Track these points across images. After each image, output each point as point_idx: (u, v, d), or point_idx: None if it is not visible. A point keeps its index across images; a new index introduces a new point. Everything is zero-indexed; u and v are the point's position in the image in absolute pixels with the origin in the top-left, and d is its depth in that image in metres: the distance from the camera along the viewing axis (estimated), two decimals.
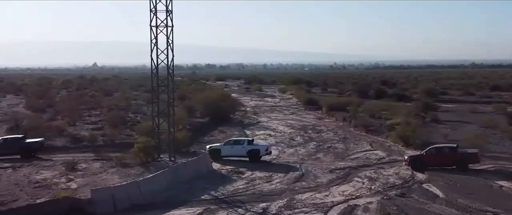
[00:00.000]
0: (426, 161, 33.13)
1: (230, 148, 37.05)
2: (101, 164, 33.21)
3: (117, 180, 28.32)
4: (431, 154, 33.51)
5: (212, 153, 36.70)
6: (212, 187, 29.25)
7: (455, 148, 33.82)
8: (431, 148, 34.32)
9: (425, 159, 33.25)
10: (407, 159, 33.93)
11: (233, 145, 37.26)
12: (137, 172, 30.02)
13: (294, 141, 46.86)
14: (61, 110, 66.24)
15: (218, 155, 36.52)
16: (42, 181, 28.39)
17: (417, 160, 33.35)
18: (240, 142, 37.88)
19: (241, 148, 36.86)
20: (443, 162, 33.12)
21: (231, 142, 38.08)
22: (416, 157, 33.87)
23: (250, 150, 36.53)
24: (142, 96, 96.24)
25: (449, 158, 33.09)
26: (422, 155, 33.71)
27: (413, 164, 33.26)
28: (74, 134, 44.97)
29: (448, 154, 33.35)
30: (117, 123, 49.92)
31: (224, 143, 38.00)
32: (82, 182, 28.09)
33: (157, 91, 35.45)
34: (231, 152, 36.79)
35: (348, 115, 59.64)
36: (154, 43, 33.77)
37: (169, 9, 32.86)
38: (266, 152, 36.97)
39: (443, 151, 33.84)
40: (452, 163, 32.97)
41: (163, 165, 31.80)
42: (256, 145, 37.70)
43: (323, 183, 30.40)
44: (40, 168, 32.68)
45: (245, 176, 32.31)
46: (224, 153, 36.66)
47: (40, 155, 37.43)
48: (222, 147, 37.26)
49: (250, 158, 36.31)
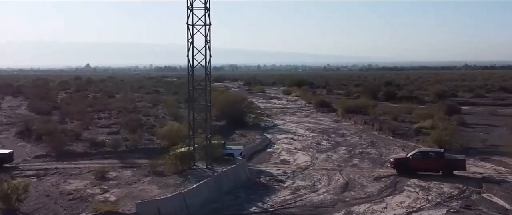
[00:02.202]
0: (412, 165, 32.62)
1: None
2: (132, 172, 31.04)
3: (156, 191, 26.19)
4: (417, 158, 32.93)
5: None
6: (258, 198, 27.24)
7: (442, 153, 33.24)
8: (418, 152, 33.84)
9: (411, 162, 32.72)
10: (392, 161, 33.37)
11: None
12: (176, 182, 27.88)
13: (321, 146, 44.91)
14: (69, 113, 63.90)
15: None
16: (75, 192, 26.19)
17: (402, 163, 32.85)
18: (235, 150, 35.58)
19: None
20: (429, 167, 32.59)
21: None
22: (402, 160, 33.26)
23: (225, 154, 34.28)
24: (146, 98, 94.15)
25: (436, 163, 32.53)
26: (408, 158, 33.11)
27: (398, 167, 32.78)
28: (92, 138, 42.66)
29: (435, 159, 32.76)
30: (134, 127, 47.59)
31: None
32: (119, 193, 25.92)
33: (192, 94, 33.26)
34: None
35: (369, 118, 57.79)
36: (191, 42, 31.49)
37: (207, 6, 30.72)
38: (240, 156, 34.60)
39: (430, 155, 33.30)
40: (438, 169, 32.39)
41: (201, 174, 29.67)
42: (230, 149, 35.44)
43: (373, 193, 28.48)
44: (67, 176, 30.43)
45: (287, 185, 30.30)
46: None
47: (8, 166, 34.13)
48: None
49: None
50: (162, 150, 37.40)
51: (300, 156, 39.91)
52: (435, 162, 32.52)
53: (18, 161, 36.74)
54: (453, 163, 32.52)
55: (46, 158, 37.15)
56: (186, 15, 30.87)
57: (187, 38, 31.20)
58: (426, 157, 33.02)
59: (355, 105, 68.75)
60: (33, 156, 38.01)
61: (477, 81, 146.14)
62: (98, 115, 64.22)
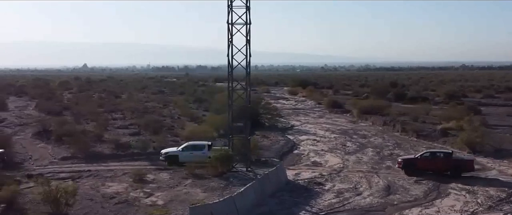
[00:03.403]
0: (420, 165, 32.64)
1: (189, 153, 33.72)
2: (169, 174, 30.31)
3: (202, 194, 25.52)
4: (425, 158, 33.02)
5: (168, 159, 33.70)
6: (303, 202, 26.62)
7: (450, 154, 33.40)
8: (426, 152, 34.05)
9: (419, 163, 32.73)
10: (400, 162, 33.34)
11: (193, 151, 34.03)
12: (219, 185, 27.20)
13: (347, 147, 44.32)
14: (81, 113, 62.98)
15: (175, 161, 33.51)
16: (118, 196, 25.45)
17: (410, 164, 32.86)
18: (200, 147, 34.41)
19: (201, 153, 33.55)
20: (437, 168, 32.53)
21: (190, 147, 34.63)
22: (410, 160, 33.24)
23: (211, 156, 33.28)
24: (153, 98, 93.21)
25: (444, 164, 32.45)
26: (416, 159, 33.14)
27: (406, 167, 32.77)
28: (115, 140, 41.87)
29: (443, 159, 32.74)
30: (155, 128, 46.85)
31: (182, 148, 34.47)
32: (164, 196, 25.21)
33: (232, 95, 32.61)
34: (191, 158, 33.08)
35: (387, 119, 57.22)
36: (230, 41, 30.84)
37: (248, 5, 30.07)
38: None
39: (438, 156, 33.31)
40: (446, 169, 32.30)
41: (242, 176, 29.03)
42: None
43: (419, 196, 27.94)
44: (103, 179, 29.69)
45: (328, 188, 29.69)
46: (183, 159, 33.41)
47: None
48: (180, 153, 34.06)
49: None
50: None
51: (330, 158, 39.29)
52: (443, 163, 32.52)
53: (45, 163, 36.04)
54: (461, 164, 32.60)
55: (73, 160, 36.38)
56: (227, 15, 30.12)
57: (227, 38, 30.47)
58: (435, 158, 33.07)
59: (370, 105, 68.18)
60: (59, 158, 37.13)
61: (481, 81, 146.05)
62: (111, 115, 63.38)
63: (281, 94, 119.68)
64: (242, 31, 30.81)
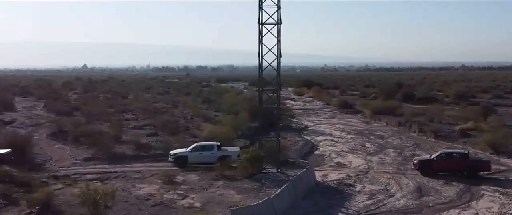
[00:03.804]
0: (436, 166, 32.55)
1: (198, 154, 33.40)
2: (197, 175, 29.95)
3: (237, 196, 25.20)
4: (441, 159, 32.90)
5: (178, 160, 33.35)
6: (337, 203, 26.42)
7: (467, 154, 33.26)
8: (442, 153, 33.89)
9: (435, 164, 32.63)
10: (416, 163, 33.21)
11: (202, 151, 33.74)
12: (253, 187, 26.89)
13: (367, 148, 44.13)
14: (92, 114, 62.39)
15: (184, 162, 33.20)
16: (152, 197, 25.08)
17: (426, 165, 32.73)
18: (209, 147, 34.01)
19: (210, 154, 33.25)
20: (453, 168, 32.47)
21: (199, 147, 34.16)
22: (426, 161, 33.11)
23: (221, 156, 32.99)
24: (159, 99, 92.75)
25: (460, 165, 32.37)
26: (432, 160, 32.99)
27: (422, 168, 32.66)
28: (135, 141, 41.50)
29: (459, 160, 32.64)
30: (173, 129, 46.51)
31: (191, 149, 33.95)
32: (199, 198, 24.88)
33: (261, 95, 32.35)
34: (200, 159, 33.11)
35: (402, 120, 56.99)
36: (261, 41, 30.53)
37: (278, 5, 29.78)
38: (237, 158, 33.18)
39: (454, 157, 33.23)
40: (462, 170, 32.22)
41: (274, 178, 28.71)
42: (226, 151, 34.07)
43: (452, 198, 27.75)
44: (131, 180, 29.35)
45: (359, 189, 29.45)
46: (192, 160, 33.21)
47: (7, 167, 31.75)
48: (189, 153, 33.55)
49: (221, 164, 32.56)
50: None
51: (353, 159, 39.09)
52: (460, 163, 32.43)
53: (67, 164, 35.66)
54: (478, 164, 32.53)
55: (96, 161, 35.98)
56: (258, 14, 29.85)
57: (258, 38, 30.19)
58: (451, 158, 32.97)
59: (381, 106, 67.99)
60: (81, 159, 36.75)
61: (484, 82, 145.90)
62: (123, 116, 63.00)
63: (286, 94, 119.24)
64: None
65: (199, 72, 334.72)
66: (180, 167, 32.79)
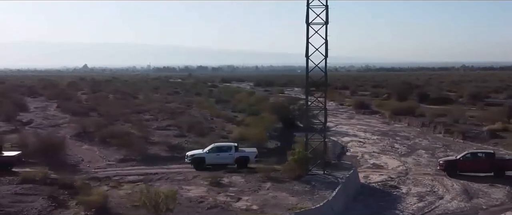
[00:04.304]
0: (462, 166, 32.46)
1: (215, 155, 33.05)
2: (241, 177, 29.56)
3: (291, 198, 24.83)
4: (467, 159, 32.83)
5: (195, 162, 32.98)
6: (389, 205, 26.16)
7: (493, 154, 33.24)
8: (467, 153, 33.85)
9: (460, 164, 32.53)
10: (442, 164, 33.04)
11: (219, 152, 33.31)
12: (304, 189, 26.53)
13: (397, 149, 43.86)
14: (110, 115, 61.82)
15: (201, 164, 32.86)
16: (205, 200, 24.68)
17: (452, 165, 32.60)
18: (226, 148, 33.74)
19: (228, 155, 33.00)
20: (479, 168, 32.35)
21: (216, 148, 33.81)
22: (452, 162, 33.02)
23: (238, 157, 32.89)
24: (170, 99, 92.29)
25: (486, 164, 32.28)
26: (458, 160, 32.89)
27: (448, 169, 32.51)
28: (166, 142, 41.21)
29: (485, 160, 32.59)
30: (200, 129, 46.20)
31: (208, 150, 33.59)
32: (254, 201, 24.48)
33: (307, 96, 32.02)
34: (217, 160, 32.78)
35: (425, 121, 56.71)
36: (308, 41, 30.18)
37: (326, 4, 29.46)
38: (255, 159, 33.16)
39: (479, 157, 33.20)
40: (488, 170, 32.12)
41: (322, 180, 28.38)
42: (244, 152, 33.75)
43: (504, 200, 27.49)
44: (175, 182, 28.97)
45: (405, 191, 29.15)
46: (209, 161, 32.88)
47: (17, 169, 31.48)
48: (206, 154, 33.21)
49: (238, 166, 32.61)
50: None
51: (387, 160, 38.82)
52: (486, 163, 32.30)
53: (102, 166, 35.31)
54: (504, 164, 32.40)
55: (131, 162, 35.65)
56: (305, 14, 29.52)
57: (306, 38, 29.87)
58: (476, 158, 32.90)
59: (400, 107, 67.84)
60: (116, 160, 36.41)
61: (490, 82, 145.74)
62: (141, 116, 62.68)
63: (296, 94, 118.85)
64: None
65: (200, 72, 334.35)
66: (197, 168, 32.49)
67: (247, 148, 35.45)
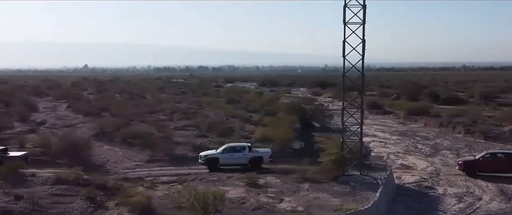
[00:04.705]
0: (481, 167, 32.26)
1: (229, 156, 32.95)
2: (276, 178, 29.30)
3: (334, 200, 24.53)
4: (486, 160, 32.63)
5: (208, 162, 32.79)
6: (430, 206, 25.93)
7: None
8: (487, 153, 33.65)
9: (479, 164, 32.35)
10: (461, 164, 32.86)
11: (233, 153, 33.19)
12: (344, 190, 26.29)
13: (420, 149, 43.62)
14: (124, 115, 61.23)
15: (215, 164, 32.72)
16: (245, 200, 24.39)
17: (471, 166, 32.43)
18: (240, 148, 33.63)
19: (241, 155, 32.89)
20: (498, 169, 32.11)
21: (230, 149, 33.67)
22: (471, 162, 32.85)
23: (252, 158, 32.74)
24: (178, 99, 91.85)
25: (506, 165, 32.03)
26: (478, 160, 32.71)
27: (468, 169, 32.33)
28: (190, 142, 40.93)
29: (505, 160, 32.38)
30: (222, 130, 45.93)
31: (222, 151, 33.46)
32: (297, 202, 24.21)
33: (344, 95, 31.76)
34: (231, 160, 32.76)
35: (444, 121, 56.49)
36: (345, 41, 29.92)
37: (363, 4, 29.22)
38: (269, 159, 33.02)
39: (499, 157, 32.98)
40: (508, 170, 31.80)
41: (360, 180, 28.15)
42: (257, 152, 33.55)
43: None
44: (210, 183, 28.69)
45: (442, 192, 28.92)
46: (223, 162, 32.81)
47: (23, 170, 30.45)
48: (220, 155, 33.10)
49: (252, 166, 32.42)
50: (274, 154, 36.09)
51: (414, 160, 38.62)
52: (506, 164, 32.07)
53: (130, 166, 35.05)
54: None
55: (159, 163, 35.39)
56: (342, 13, 29.29)
57: (343, 37, 29.60)
58: (496, 159, 32.67)
59: (413, 107, 67.73)
60: (144, 160, 36.12)
61: (497, 82, 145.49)
62: (155, 117, 62.39)
63: (303, 94, 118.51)
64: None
65: (201, 72, 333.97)
66: (211, 169, 32.30)
67: (260, 148, 35.25)
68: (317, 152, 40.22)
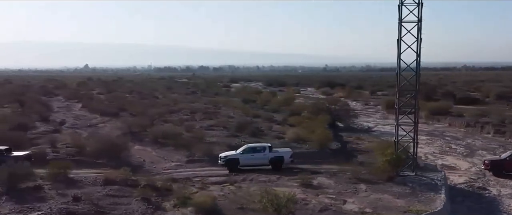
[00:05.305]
0: (508, 166, 32.05)
1: (250, 156, 32.35)
2: (328, 179, 28.83)
3: (398, 201, 24.04)
4: None
5: (229, 163, 32.27)
6: (489, 208, 25.69)
7: None
8: None
9: (506, 164, 32.13)
10: (487, 163, 32.62)
11: (253, 153, 32.68)
12: (405, 191, 25.82)
13: (456, 149, 43.26)
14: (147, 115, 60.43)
15: (235, 165, 32.23)
16: (307, 202, 23.92)
17: (498, 165, 32.23)
18: (260, 149, 33.06)
19: (262, 156, 32.32)
20: None
21: (250, 149, 33.09)
22: (498, 161, 32.62)
23: (273, 158, 32.24)
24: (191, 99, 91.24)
25: None
26: (504, 160, 32.49)
27: (494, 169, 32.16)
28: (225, 142, 40.37)
29: None
30: (253, 130, 45.46)
31: (242, 151, 32.86)
32: (362, 203, 23.74)
33: (397, 96, 31.29)
34: (251, 161, 32.24)
35: (470, 121, 56.13)
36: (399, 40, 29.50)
37: (420, 2, 28.78)
38: (290, 160, 32.60)
39: None
40: None
41: (417, 181, 27.68)
42: (277, 152, 33.00)
43: None
44: (261, 184, 28.17)
45: (496, 193, 28.55)
46: (243, 163, 32.28)
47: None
48: (240, 155, 32.52)
49: (273, 167, 32.01)
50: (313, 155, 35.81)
51: (454, 161, 38.34)
52: None
53: (171, 166, 34.53)
54: None
55: (201, 163, 34.85)
56: (398, 12, 28.85)
57: (399, 36, 29.12)
58: None
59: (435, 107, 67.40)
60: (183, 161, 35.58)
61: (505, 82, 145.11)
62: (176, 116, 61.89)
63: (313, 94, 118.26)
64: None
65: (202, 72, 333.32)
66: (231, 170, 31.79)
67: (280, 148, 34.66)
68: (351, 152, 39.90)
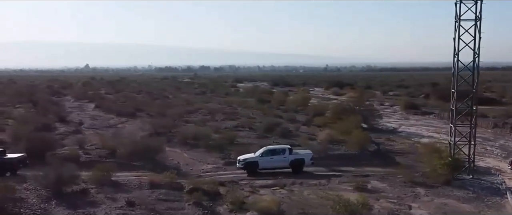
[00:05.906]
0: None
1: (269, 159, 31.69)
2: (380, 182, 27.89)
3: (464, 206, 23.32)
4: None
5: (248, 166, 31.47)
6: None
7: None
8: None
9: None
10: None
11: (273, 156, 31.86)
12: (468, 195, 24.93)
13: (492, 151, 42.28)
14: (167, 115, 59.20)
15: (254, 168, 31.43)
16: (371, 207, 22.97)
17: None
18: (280, 151, 32.34)
19: (282, 158, 31.66)
20: None
21: (269, 152, 32.37)
22: None
23: (293, 160, 31.53)
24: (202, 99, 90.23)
25: None
26: None
27: None
28: (256, 143, 39.38)
29: None
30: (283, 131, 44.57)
31: (261, 154, 32.12)
32: (428, 209, 22.84)
33: (454, 96, 30.36)
34: (271, 164, 31.55)
35: (499, 121, 55.28)
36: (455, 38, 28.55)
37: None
38: (311, 162, 31.89)
39: None
40: None
41: (477, 185, 26.79)
42: (297, 154, 32.24)
43: None
44: (315, 187, 27.24)
45: None
46: (263, 166, 31.53)
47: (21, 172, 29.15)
48: (259, 158, 31.81)
49: (293, 170, 31.25)
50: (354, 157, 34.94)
51: (496, 163, 37.30)
52: None
53: (208, 169, 33.54)
54: None
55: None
56: (455, 9, 27.93)
57: (457, 35, 28.17)
58: None
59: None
60: (221, 163, 34.60)
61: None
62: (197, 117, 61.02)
63: (323, 94, 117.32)
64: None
65: (203, 72, 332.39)
66: (250, 173, 31.02)
67: (301, 150, 33.79)
68: (387, 153, 39.01)
